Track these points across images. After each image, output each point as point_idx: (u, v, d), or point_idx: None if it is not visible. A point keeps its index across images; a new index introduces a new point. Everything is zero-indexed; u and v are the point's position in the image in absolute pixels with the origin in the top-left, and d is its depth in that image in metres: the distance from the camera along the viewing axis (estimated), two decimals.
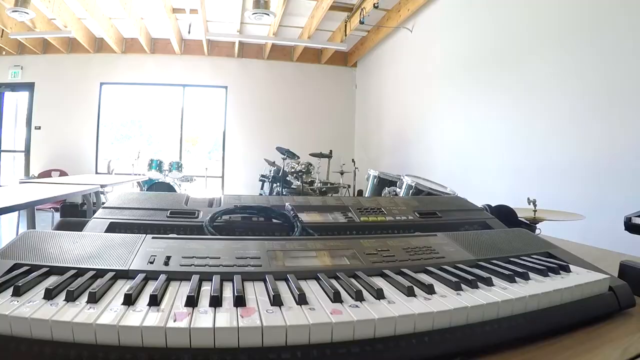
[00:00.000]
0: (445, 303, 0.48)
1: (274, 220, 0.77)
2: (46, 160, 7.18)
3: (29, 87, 7.26)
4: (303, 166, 5.52)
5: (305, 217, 0.80)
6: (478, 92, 4.07)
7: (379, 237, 0.67)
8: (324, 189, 5.43)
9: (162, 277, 0.48)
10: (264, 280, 0.50)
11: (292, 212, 0.76)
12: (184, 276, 0.50)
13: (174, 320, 0.39)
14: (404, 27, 5.64)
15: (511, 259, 0.72)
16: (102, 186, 2.83)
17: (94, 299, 0.42)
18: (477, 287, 0.56)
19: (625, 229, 1.19)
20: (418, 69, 5.40)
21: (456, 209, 1.04)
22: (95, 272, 0.50)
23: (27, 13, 5.18)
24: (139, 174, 6.11)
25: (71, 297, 0.43)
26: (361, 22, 5.43)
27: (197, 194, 0.91)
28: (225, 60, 7.67)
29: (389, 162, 6.17)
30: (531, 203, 2.22)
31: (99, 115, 7.47)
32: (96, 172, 7.29)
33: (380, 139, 6.75)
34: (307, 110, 7.88)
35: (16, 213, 3.48)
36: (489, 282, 0.57)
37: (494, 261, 0.69)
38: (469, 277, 0.57)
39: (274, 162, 5.69)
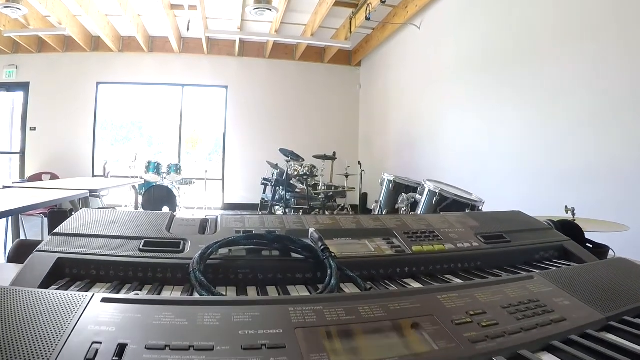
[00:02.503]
0: None
1: (294, 255, 0.54)
2: (42, 163, 6.96)
3: (24, 86, 7.05)
4: (307, 169, 5.30)
5: (336, 247, 0.57)
6: (491, 92, 3.84)
7: (462, 289, 0.43)
8: (330, 192, 5.20)
9: None
10: None
11: (320, 244, 0.53)
12: None
13: None
14: (412, 24, 5.42)
15: None
16: (90, 191, 2.59)
17: None
18: None
19: None
20: (425, 68, 5.17)
21: (522, 229, 0.81)
22: None
23: (19, 9, 4.97)
24: (136, 177, 5.86)
25: None
26: (367, 19, 5.19)
27: (187, 212, 0.67)
28: (226, 59, 7.45)
29: (393, 164, 5.94)
30: (569, 212, 1.99)
31: (95, 116, 7.25)
32: (93, 175, 7.06)
33: (385, 140, 6.51)
34: (309, 110, 7.65)
35: (6, 220, 3.25)
36: None
37: (626, 318, 0.47)
38: None
39: (276, 165, 5.46)
